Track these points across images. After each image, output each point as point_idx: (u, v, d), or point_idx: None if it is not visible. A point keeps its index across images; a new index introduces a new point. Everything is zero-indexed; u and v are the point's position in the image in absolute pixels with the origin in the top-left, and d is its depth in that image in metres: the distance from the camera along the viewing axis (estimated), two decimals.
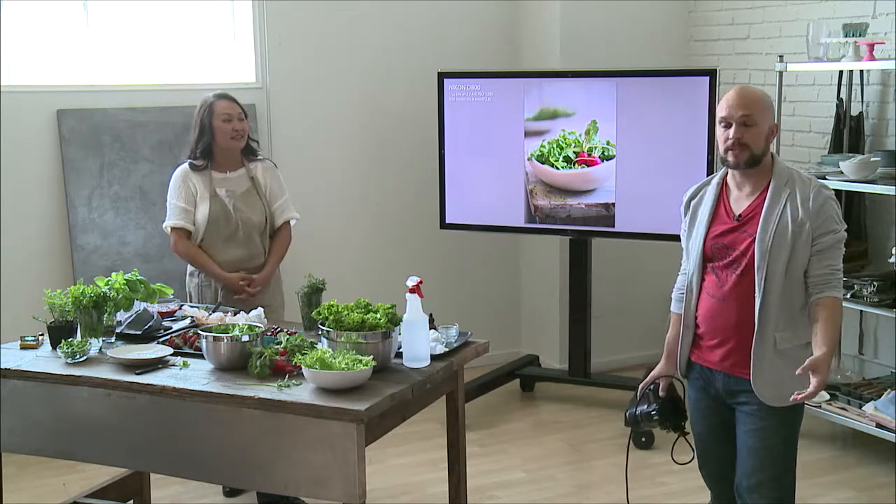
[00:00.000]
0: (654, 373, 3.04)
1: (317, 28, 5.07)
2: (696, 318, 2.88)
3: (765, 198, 2.75)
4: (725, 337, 2.81)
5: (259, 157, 4.09)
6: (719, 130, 2.77)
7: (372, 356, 2.81)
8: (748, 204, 2.78)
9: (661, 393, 3.02)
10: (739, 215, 2.79)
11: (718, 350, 2.83)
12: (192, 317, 3.45)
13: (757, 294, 2.72)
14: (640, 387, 3.05)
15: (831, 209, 2.74)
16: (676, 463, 3.04)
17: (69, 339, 3.11)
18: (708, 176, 3.25)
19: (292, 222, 4.11)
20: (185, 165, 3.98)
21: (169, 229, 3.96)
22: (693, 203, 2.91)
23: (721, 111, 2.76)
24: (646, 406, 3.02)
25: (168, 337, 3.27)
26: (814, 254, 2.71)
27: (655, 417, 3.00)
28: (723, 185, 2.86)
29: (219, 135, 3.90)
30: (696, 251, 2.85)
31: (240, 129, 3.92)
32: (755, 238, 2.73)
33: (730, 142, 2.72)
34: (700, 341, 2.89)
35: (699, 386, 2.94)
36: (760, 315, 2.72)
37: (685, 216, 2.94)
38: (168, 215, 3.97)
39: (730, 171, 2.83)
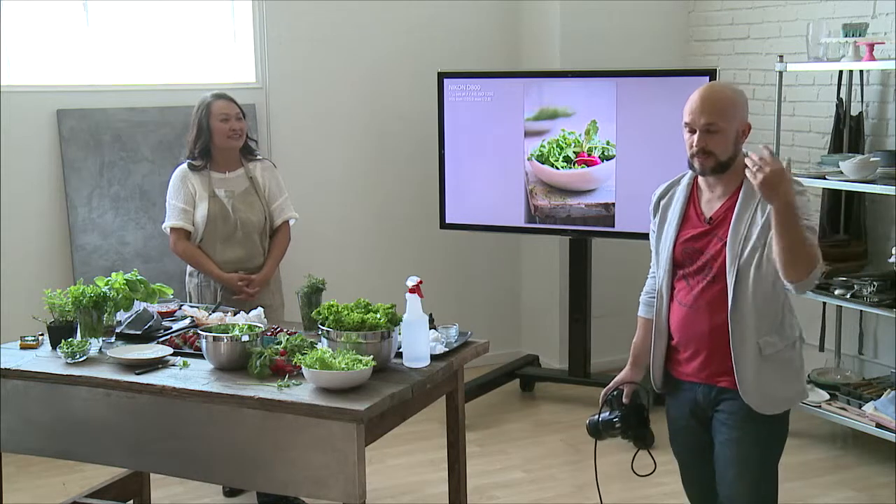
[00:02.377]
0: (617, 378, 2.88)
1: (317, 28, 5.06)
2: (668, 326, 2.73)
3: (736, 199, 2.60)
4: (699, 347, 2.67)
5: (258, 157, 4.09)
6: (685, 134, 2.62)
7: (372, 356, 2.81)
8: (719, 206, 2.64)
9: (624, 399, 2.85)
10: (710, 218, 2.64)
11: (694, 361, 2.69)
12: (191, 317, 3.45)
13: (729, 300, 2.58)
14: (603, 393, 2.88)
15: (803, 202, 2.54)
16: (637, 475, 2.90)
17: (69, 339, 3.11)
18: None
19: (291, 222, 4.11)
20: (184, 166, 3.98)
21: (168, 230, 3.96)
22: (662, 203, 2.77)
23: (684, 115, 2.60)
24: (608, 413, 2.85)
25: (168, 337, 3.27)
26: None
27: (617, 425, 2.83)
28: (693, 185, 2.72)
29: (216, 135, 3.91)
30: (665, 256, 2.71)
31: (237, 128, 3.92)
32: (726, 242, 2.59)
33: (693, 149, 2.58)
34: (675, 354, 2.74)
35: (678, 403, 2.79)
36: (734, 322, 2.58)
37: (654, 217, 2.79)
38: (167, 216, 3.97)
39: None
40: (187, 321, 3.45)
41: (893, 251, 4.01)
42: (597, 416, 2.87)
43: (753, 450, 2.66)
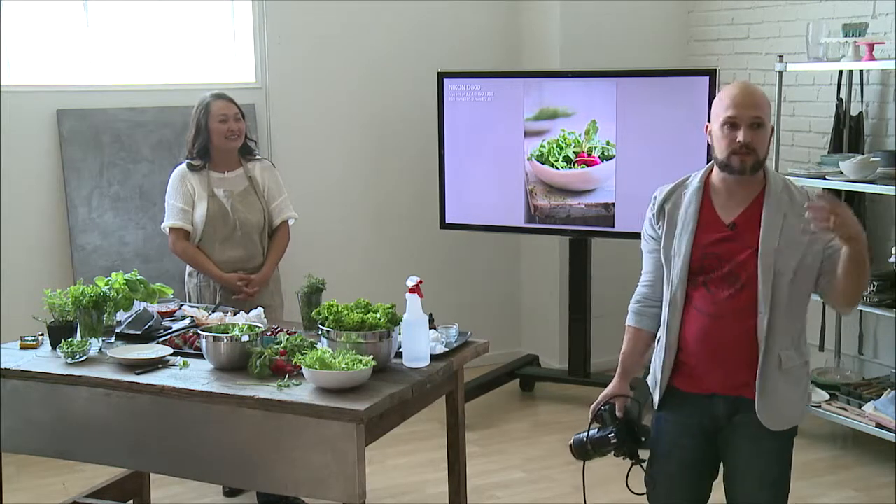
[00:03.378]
0: (607, 392, 2.71)
1: (317, 28, 5.07)
2: (680, 337, 2.59)
3: (760, 205, 2.51)
4: (723, 356, 2.54)
5: (257, 157, 4.09)
6: (722, 131, 2.48)
7: (372, 356, 2.81)
8: (741, 211, 2.53)
9: (618, 413, 2.68)
10: (733, 223, 2.54)
11: (715, 373, 2.56)
12: (191, 317, 3.45)
13: (762, 311, 2.48)
14: (593, 408, 2.70)
15: None
16: (633, 493, 2.72)
17: (69, 339, 3.11)
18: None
19: (291, 222, 4.10)
20: (184, 166, 3.98)
21: (167, 229, 3.96)
22: (668, 208, 2.61)
23: (727, 110, 2.47)
24: (597, 430, 2.67)
25: (168, 337, 3.27)
26: (828, 257, 2.49)
27: (613, 441, 2.64)
28: (705, 188, 2.58)
29: (215, 135, 3.91)
30: (681, 263, 2.56)
31: (236, 129, 3.92)
32: (756, 250, 2.48)
33: (737, 145, 2.45)
34: (688, 365, 2.59)
35: (683, 418, 2.63)
36: (768, 334, 2.49)
37: (657, 222, 2.64)
38: (166, 215, 3.98)
39: (721, 174, 2.55)
40: (187, 321, 3.45)
41: (893, 251, 4.01)
42: (584, 434, 2.69)
43: (774, 459, 2.61)
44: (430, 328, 3.09)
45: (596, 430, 2.68)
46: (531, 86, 4.78)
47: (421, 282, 2.93)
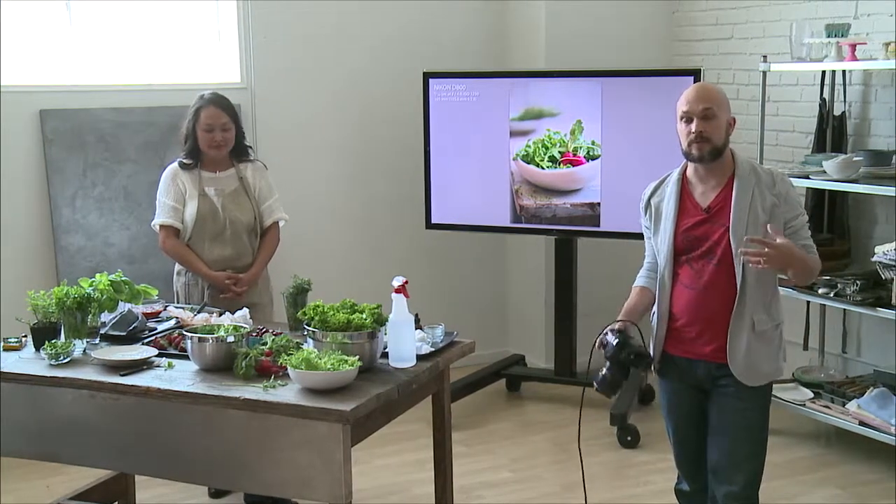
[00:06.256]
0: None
1: (302, 28, 5.06)
2: (671, 310, 2.92)
3: (731, 189, 2.82)
4: (707, 326, 2.86)
5: (251, 159, 4.08)
6: (681, 126, 2.84)
7: (358, 356, 2.81)
8: (715, 196, 2.86)
9: (618, 327, 2.90)
10: (708, 207, 2.86)
11: (700, 339, 2.88)
12: (177, 318, 3.44)
13: (738, 280, 2.80)
14: (596, 339, 2.94)
15: (795, 194, 2.89)
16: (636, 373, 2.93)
17: (53, 341, 3.10)
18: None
19: (281, 223, 4.10)
20: (175, 164, 3.97)
21: (157, 227, 3.95)
22: (654, 201, 2.97)
23: (681, 106, 2.83)
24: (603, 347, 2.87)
25: (153, 338, 3.25)
26: (787, 236, 2.79)
27: (616, 343, 2.83)
28: (683, 180, 2.93)
29: (200, 142, 3.90)
30: (666, 246, 2.90)
31: (220, 139, 3.89)
32: (728, 228, 2.80)
33: (692, 135, 2.79)
34: (679, 334, 2.92)
35: (674, 377, 2.98)
36: (740, 300, 2.81)
37: (645, 214, 3.00)
38: (157, 213, 3.96)
39: (692, 165, 2.89)
40: (172, 322, 3.44)
41: (876, 250, 4.03)
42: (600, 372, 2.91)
43: (758, 417, 2.91)
44: (416, 328, 3.09)
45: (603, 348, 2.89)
46: (516, 86, 4.78)
47: (407, 282, 2.93)
